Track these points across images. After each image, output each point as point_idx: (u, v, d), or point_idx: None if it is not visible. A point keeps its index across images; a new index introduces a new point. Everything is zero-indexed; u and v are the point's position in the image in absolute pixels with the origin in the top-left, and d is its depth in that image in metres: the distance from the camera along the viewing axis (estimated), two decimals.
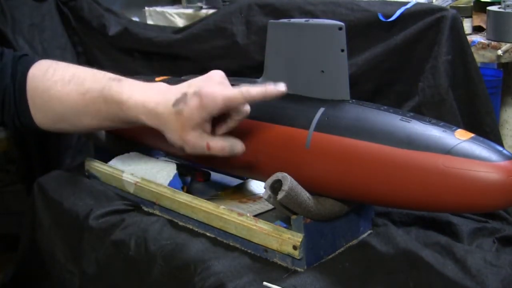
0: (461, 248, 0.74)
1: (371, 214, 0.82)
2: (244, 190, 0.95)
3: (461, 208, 0.64)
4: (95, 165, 1.02)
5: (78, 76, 0.83)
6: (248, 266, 0.74)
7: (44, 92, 0.85)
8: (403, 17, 0.93)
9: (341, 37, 0.72)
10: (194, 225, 0.85)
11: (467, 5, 1.26)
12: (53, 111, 0.86)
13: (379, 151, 0.65)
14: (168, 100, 0.73)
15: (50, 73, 0.85)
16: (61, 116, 0.86)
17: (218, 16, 1.14)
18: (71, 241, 0.94)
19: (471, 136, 0.64)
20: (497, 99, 1.29)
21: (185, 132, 0.72)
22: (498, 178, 0.60)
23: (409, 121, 0.67)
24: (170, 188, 0.88)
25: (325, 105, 0.73)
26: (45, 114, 0.87)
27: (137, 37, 1.25)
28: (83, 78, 0.83)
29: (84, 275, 0.91)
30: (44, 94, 0.85)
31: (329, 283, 0.69)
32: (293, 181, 0.68)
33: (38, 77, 0.86)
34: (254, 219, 0.77)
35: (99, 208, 0.90)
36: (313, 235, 0.72)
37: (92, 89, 0.81)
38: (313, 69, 0.75)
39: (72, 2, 1.33)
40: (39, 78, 0.86)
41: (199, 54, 1.16)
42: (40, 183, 1.02)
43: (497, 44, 1.14)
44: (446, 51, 0.89)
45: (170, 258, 0.78)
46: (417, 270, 0.70)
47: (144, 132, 0.97)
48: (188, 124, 0.72)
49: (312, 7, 1.01)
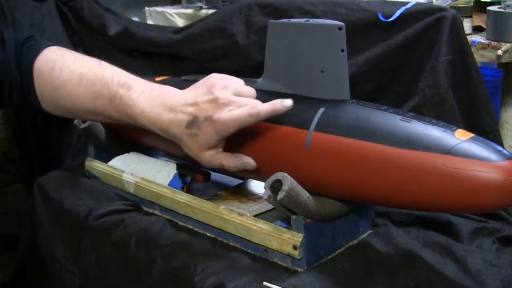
0: (461, 248, 0.74)
1: (371, 214, 0.82)
2: (244, 190, 0.95)
3: (461, 208, 0.64)
4: (95, 165, 1.02)
5: (87, 79, 0.82)
6: (248, 266, 0.74)
7: (53, 91, 0.84)
8: (403, 17, 0.93)
9: (341, 37, 0.72)
10: (194, 225, 0.85)
11: (467, 5, 1.26)
12: (63, 107, 0.86)
13: (379, 151, 0.65)
14: (181, 121, 0.75)
15: (57, 71, 0.83)
16: (71, 112, 0.87)
17: (218, 16, 1.14)
18: (71, 241, 0.94)
19: (471, 136, 0.64)
20: (497, 99, 1.29)
21: (201, 151, 0.76)
22: (498, 178, 0.60)
23: (409, 121, 0.67)
24: (170, 188, 0.88)
25: (325, 105, 0.73)
26: (55, 108, 0.87)
27: (137, 37, 1.25)
28: (92, 81, 0.81)
29: (84, 275, 0.91)
30: (53, 92, 0.84)
31: (329, 283, 0.69)
32: (293, 181, 0.68)
33: (46, 74, 0.84)
34: (254, 219, 0.77)
35: (99, 208, 0.90)
36: (313, 235, 0.72)
37: (103, 95, 0.80)
38: (313, 69, 0.75)
39: (72, 2, 1.33)
40: (46, 75, 0.84)
41: (199, 54, 1.16)
42: (40, 183, 1.02)
43: (497, 44, 1.14)
44: (446, 51, 0.89)
45: (170, 258, 0.78)
46: (417, 270, 0.70)
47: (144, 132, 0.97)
48: (204, 146, 0.76)
49: (312, 7, 1.01)
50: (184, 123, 0.75)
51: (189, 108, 0.75)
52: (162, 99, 0.77)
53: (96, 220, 0.89)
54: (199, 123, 0.74)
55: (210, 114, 0.73)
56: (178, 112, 0.75)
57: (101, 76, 0.82)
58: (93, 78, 0.82)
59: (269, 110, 0.72)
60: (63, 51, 0.86)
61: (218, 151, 0.76)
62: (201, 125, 0.74)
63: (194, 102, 0.75)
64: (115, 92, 0.79)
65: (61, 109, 0.87)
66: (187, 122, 0.75)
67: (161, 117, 0.76)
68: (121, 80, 0.80)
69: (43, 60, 0.85)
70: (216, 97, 0.74)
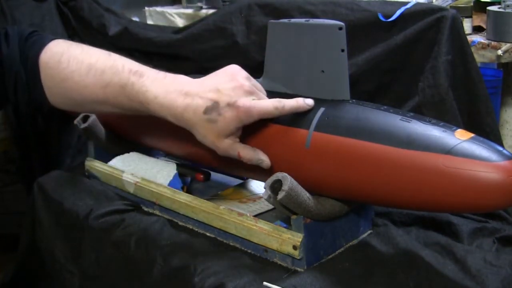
0: (461, 248, 0.74)
1: (371, 214, 0.82)
2: (244, 190, 0.95)
3: (461, 208, 0.64)
4: (95, 165, 1.02)
5: (96, 68, 0.80)
6: (248, 266, 0.74)
7: (61, 83, 0.82)
8: (403, 17, 0.93)
9: (341, 37, 0.72)
10: (194, 225, 0.85)
11: (467, 5, 1.26)
12: (72, 99, 0.84)
13: (379, 151, 0.65)
14: (198, 106, 0.73)
15: (64, 62, 0.82)
16: (80, 104, 0.85)
17: (218, 16, 1.14)
18: (71, 241, 0.94)
19: (471, 136, 0.64)
20: (497, 99, 1.29)
21: (219, 139, 0.74)
22: (498, 178, 0.60)
23: (409, 121, 0.67)
24: (170, 188, 0.88)
25: (325, 105, 0.73)
26: (63, 101, 0.85)
27: (137, 37, 1.25)
28: (101, 70, 0.79)
29: (84, 275, 0.91)
30: (60, 84, 0.83)
31: (329, 283, 0.69)
32: (293, 181, 0.68)
33: (53, 66, 0.83)
34: (254, 219, 0.77)
35: (99, 208, 0.90)
36: (313, 235, 0.72)
37: (113, 82, 0.78)
38: (313, 69, 0.75)
39: (72, 2, 1.33)
40: (53, 67, 0.83)
41: (199, 54, 1.16)
42: (40, 183, 1.02)
43: (497, 44, 1.14)
44: (446, 51, 0.89)
45: (170, 258, 0.78)
46: (417, 270, 0.70)
47: (144, 132, 0.97)
48: (223, 133, 0.74)
49: (312, 7, 1.01)
50: (202, 108, 0.73)
51: (209, 94, 0.73)
52: (176, 86, 0.76)
53: (96, 220, 0.89)
54: (220, 109, 0.72)
55: (234, 99, 0.72)
56: (195, 97, 0.74)
57: (111, 65, 0.80)
58: (102, 67, 0.80)
59: (293, 106, 0.73)
60: (70, 43, 0.85)
61: (236, 140, 0.75)
62: (222, 110, 0.72)
63: (216, 88, 0.73)
64: (127, 79, 0.78)
65: (69, 101, 0.85)
66: (206, 107, 0.73)
67: (175, 102, 0.74)
68: (132, 68, 0.79)
69: (49, 53, 0.83)
70: (242, 84, 0.73)
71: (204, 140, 0.75)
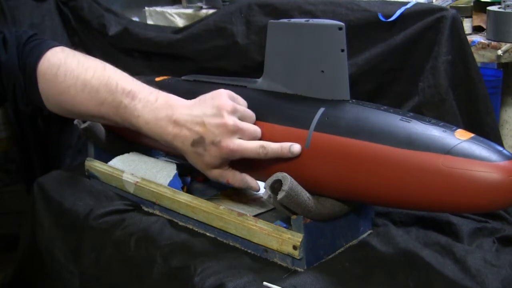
0: (461, 248, 0.74)
1: (371, 214, 0.82)
2: (244, 190, 0.95)
3: (461, 208, 0.64)
4: (95, 165, 1.02)
5: (91, 85, 0.82)
6: (248, 266, 0.74)
7: (57, 96, 0.84)
8: (403, 17, 0.93)
9: (341, 37, 0.72)
10: (194, 225, 0.85)
11: (467, 5, 1.25)
12: (69, 111, 0.86)
13: (379, 151, 0.65)
14: (186, 137, 0.76)
15: (61, 76, 0.83)
16: (76, 115, 0.88)
17: (218, 16, 1.14)
18: (71, 241, 0.94)
19: (471, 136, 0.64)
20: (497, 99, 1.29)
21: (208, 169, 0.78)
22: (498, 178, 0.60)
23: (409, 121, 0.67)
24: (170, 188, 0.88)
25: (325, 105, 0.73)
26: (59, 110, 0.87)
27: (137, 37, 1.25)
28: (96, 88, 0.81)
29: (84, 275, 0.91)
30: (57, 97, 0.85)
31: (329, 283, 0.69)
32: (293, 181, 0.68)
33: (50, 79, 0.84)
34: (254, 219, 0.77)
35: (99, 208, 0.90)
36: (313, 235, 0.72)
37: (107, 102, 0.81)
38: (313, 69, 0.75)
39: (72, 2, 1.33)
40: (50, 80, 0.84)
41: (199, 54, 1.16)
42: (40, 183, 1.02)
43: (497, 44, 1.14)
44: (446, 51, 0.89)
45: (170, 258, 0.78)
46: (417, 270, 0.70)
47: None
48: (211, 166, 0.77)
49: (312, 7, 1.01)
50: (189, 140, 0.76)
51: (195, 127, 0.75)
52: (167, 111, 0.77)
53: (96, 220, 0.89)
54: (206, 145, 0.75)
55: (218, 139, 0.74)
56: (183, 128, 0.76)
57: (106, 82, 0.81)
58: (97, 84, 0.82)
59: (277, 153, 0.73)
60: (67, 54, 0.86)
61: (225, 168, 0.78)
62: (207, 146, 0.75)
63: (202, 121, 0.75)
64: (120, 101, 0.80)
65: (66, 112, 0.87)
66: (193, 140, 0.75)
67: (165, 130, 0.77)
68: (125, 88, 0.80)
69: (47, 64, 0.85)
70: (225, 123, 0.74)
71: (195, 166, 0.79)
